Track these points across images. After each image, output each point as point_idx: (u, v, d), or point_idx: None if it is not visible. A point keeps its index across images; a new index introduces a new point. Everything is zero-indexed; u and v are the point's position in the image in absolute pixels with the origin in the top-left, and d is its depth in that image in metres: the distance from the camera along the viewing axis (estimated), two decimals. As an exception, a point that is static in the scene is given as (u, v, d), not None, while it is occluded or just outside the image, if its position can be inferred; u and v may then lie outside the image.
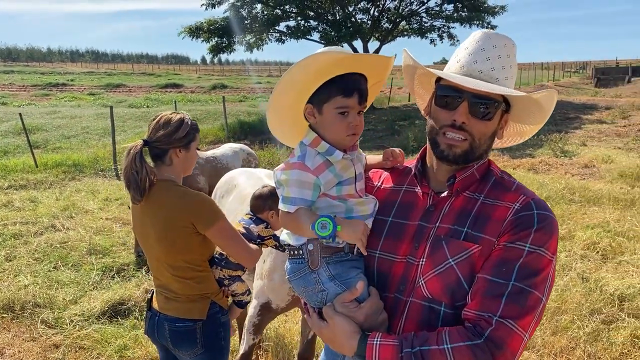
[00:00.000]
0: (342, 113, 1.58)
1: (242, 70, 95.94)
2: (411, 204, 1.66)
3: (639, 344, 4.23)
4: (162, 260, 2.52)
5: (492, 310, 1.38)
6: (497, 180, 1.60)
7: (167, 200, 2.46)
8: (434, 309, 1.50)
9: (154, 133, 2.51)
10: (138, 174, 2.40)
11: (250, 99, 33.60)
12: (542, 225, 1.45)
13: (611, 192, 9.01)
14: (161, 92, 39.83)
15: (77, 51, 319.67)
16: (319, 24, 27.73)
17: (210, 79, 59.89)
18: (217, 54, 27.47)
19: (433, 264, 1.51)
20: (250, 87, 45.96)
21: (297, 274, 1.65)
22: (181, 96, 35.00)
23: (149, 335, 2.70)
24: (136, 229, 2.64)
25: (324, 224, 1.53)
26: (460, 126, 1.51)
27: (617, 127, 16.96)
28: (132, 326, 4.81)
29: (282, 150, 14.06)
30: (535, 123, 1.67)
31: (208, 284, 2.59)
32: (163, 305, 2.59)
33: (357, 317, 1.52)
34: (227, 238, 2.51)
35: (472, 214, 1.53)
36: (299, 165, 1.59)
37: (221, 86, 46.15)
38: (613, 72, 43.33)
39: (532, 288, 1.40)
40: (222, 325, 2.63)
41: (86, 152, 14.14)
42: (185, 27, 27.09)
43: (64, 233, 7.40)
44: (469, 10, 27.66)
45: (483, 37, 1.55)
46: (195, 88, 45.08)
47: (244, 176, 3.99)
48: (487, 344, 1.35)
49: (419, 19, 29.60)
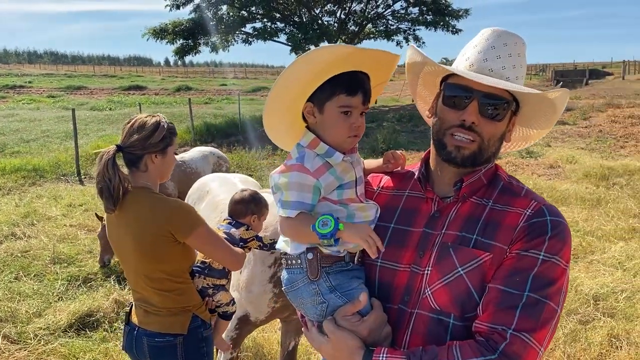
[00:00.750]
0: (345, 112, 1.49)
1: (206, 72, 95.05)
2: (414, 210, 1.57)
3: (616, 344, 4.26)
4: (140, 273, 2.38)
5: (507, 323, 1.30)
6: (505, 185, 1.52)
7: (142, 209, 2.33)
8: (443, 321, 1.41)
9: (128, 138, 2.38)
10: (111, 181, 2.27)
11: (216, 101, 33.16)
12: (556, 232, 1.38)
13: (577, 192, 9.20)
14: (124, 94, 38.90)
15: (35, 52, 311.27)
16: (286, 26, 27.63)
17: (174, 80, 58.99)
18: (183, 55, 27.10)
19: (440, 273, 1.42)
20: (215, 89, 45.45)
21: (295, 284, 1.54)
22: (145, 98, 34.24)
23: (127, 351, 2.56)
24: (112, 240, 2.50)
25: (325, 221, 1.42)
26: (469, 127, 1.42)
27: (579, 127, 17.38)
28: (101, 339, 4.59)
29: (251, 153, 13.89)
30: (542, 127, 1.60)
31: (189, 296, 2.46)
32: (142, 319, 2.46)
33: (360, 331, 1.42)
34: (209, 243, 2.41)
35: (482, 221, 1.44)
36: (298, 167, 1.48)
37: (186, 88, 45.54)
38: (572, 75, 44.49)
39: (547, 299, 1.32)
40: (204, 340, 2.51)
41: (47, 157, 13.60)
42: (150, 29, 26.62)
43: (25, 241, 7.06)
44: (434, 14, 28.04)
45: (493, 34, 1.47)
46: (159, 90, 44.28)
47: (217, 182, 3.85)
48: (502, 359, 1.27)
49: (385, 21, 29.83)
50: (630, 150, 13.44)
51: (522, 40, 1.48)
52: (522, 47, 1.48)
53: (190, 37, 26.44)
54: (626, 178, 10.16)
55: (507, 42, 1.46)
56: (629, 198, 8.75)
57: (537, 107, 1.51)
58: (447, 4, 28.21)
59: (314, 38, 25.59)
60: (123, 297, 5.28)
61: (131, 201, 2.34)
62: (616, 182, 9.97)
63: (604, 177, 10.32)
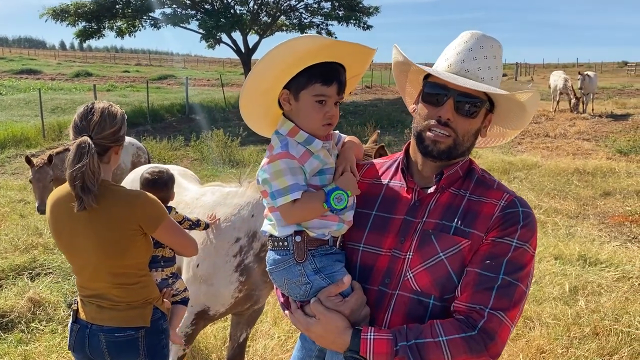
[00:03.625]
0: (320, 102, 1.56)
1: (107, 58, 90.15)
2: (395, 198, 1.67)
3: (530, 325, 4.63)
4: (102, 268, 2.28)
5: (484, 302, 1.46)
6: (479, 178, 1.66)
7: (107, 203, 2.21)
8: (423, 302, 1.54)
9: (100, 130, 2.23)
10: (95, 175, 2.13)
11: (119, 88, 31.62)
12: (527, 222, 1.54)
13: (483, 185, 9.81)
14: (16, 79, 36.06)
15: None
16: (197, 13, 26.87)
17: (71, 65, 55.53)
18: (86, 39, 25.51)
19: (422, 258, 1.54)
20: (118, 76, 43.30)
21: (281, 265, 1.61)
22: (40, 83, 31.93)
23: (75, 351, 2.42)
24: (61, 238, 2.33)
25: (339, 197, 1.55)
26: (445, 123, 1.55)
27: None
28: (18, 341, 4.28)
29: (162, 144, 13.40)
30: (516, 127, 1.75)
31: (151, 288, 2.42)
32: (96, 315, 2.34)
33: (343, 311, 1.53)
34: (174, 234, 2.41)
35: (461, 210, 1.57)
36: (285, 154, 1.55)
37: (85, 74, 43.10)
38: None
39: (519, 281, 1.49)
40: (164, 332, 2.47)
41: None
42: (48, 9, 24.76)
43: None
44: (346, 10, 28.53)
45: (471, 38, 1.60)
46: (55, 75, 41.52)
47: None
48: (481, 334, 1.42)
49: (299, 14, 29.93)
50: (526, 147, 14.54)
51: (498, 43, 1.61)
52: (498, 49, 1.61)
53: (94, 20, 24.91)
54: (525, 172, 11.00)
55: (483, 45, 1.58)
56: (529, 190, 9.48)
57: (508, 107, 1.65)
58: (358, 0, 28.82)
59: (226, 26, 25.11)
60: (39, 296, 4.94)
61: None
62: (516, 175, 10.76)
63: (505, 171, 11.11)
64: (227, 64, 79.21)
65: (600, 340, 4.30)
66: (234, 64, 72.50)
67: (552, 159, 12.25)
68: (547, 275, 5.62)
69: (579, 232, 7.26)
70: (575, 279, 5.53)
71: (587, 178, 10.31)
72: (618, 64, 72.28)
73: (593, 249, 6.42)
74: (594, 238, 7.03)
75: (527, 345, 4.24)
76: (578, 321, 4.61)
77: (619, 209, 8.42)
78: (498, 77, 1.60)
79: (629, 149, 13.10)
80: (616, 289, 5.34)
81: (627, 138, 14.18)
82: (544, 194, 9.25)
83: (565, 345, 4.24)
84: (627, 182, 9.78)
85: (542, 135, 15.97)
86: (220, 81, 27.25)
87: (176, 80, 39.30)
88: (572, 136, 15.83)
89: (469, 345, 1.41)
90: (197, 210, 3.03)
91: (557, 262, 6.02)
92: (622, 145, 13.53)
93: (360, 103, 24.94)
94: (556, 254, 6.25)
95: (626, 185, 9.59)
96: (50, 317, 4.71)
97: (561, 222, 7.66)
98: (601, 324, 4.52)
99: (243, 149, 12.71)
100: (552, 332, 4.43)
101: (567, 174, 10.57)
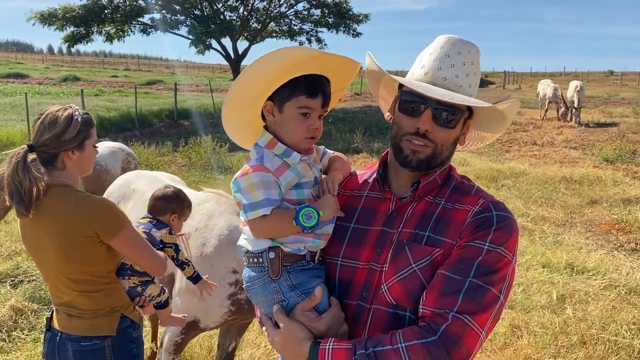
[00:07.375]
0: (304, 114, 1.52)
1: (95, 62, 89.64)
2: (373, 210, 1.62)
3: (517, 333, 4.63)
4: (62, 276, 2.24)
5: (449, 306, 1.37)
6: (457, 185, 1.60)
7: (64, 208, 2.18)
8: (399, 315, 1.48)
9: (40, 136, 2.20)
10: (21, 185, 2.10)
11: (107, 93, 31.39)
12: (502, 225, 1.46)
13: (472, 192, 9.84)
14: (2, 83, 35.67)
15: None
16: (187, 19, 26.82)
17: (59, 70, 55.03)
18: (74, 44, 25.36)
19: (396, 269, 1.48)
20: (106, 81, 43.03)
21: (256, 282, 1.56)
22: (28, 87, 31.55)
23: (48, 359, 2.38)
24: (27, 244, 2.31)
25: (308, 214, 1.48)
26: (423, 134, 1.49)
27: (469, 132, 18.61)
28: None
29: (150, 149, 13.29)
30: (495, 132, 1.71)
31: (117, 296, 2.35)
32: (65, 323, 2.31)
33: (319, 327, 1.47)
34: (134, 247, 2.30)
35: (434, 218, 1.52)
36: (259, 167, 1.50)
37: (73, 78, 42.68)
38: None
39: (490, 285, 1.39)
40: (134, 341, 2.41)
41: None
42: (36, 13, 24.58)
43: None
44: (335, 17, 28.63)
45: (448, 43, 1.54)
46: (43, 79, 41.13)
47: (144, 180, 3.67)
48: (442, 339, 1.33)
49: (289, 21, 29.98)
50: (514, 155, 14.62)
51: (475, 48, 1.56)
52: (476, 55, 1.56)
53: (83, 25, 24.75)
54: (513, 180, 11.04)
55: (461, 51, 1.52)
56: (517, 198, 9.52)
57: (488, 114, 1.60)
58: (348, 8, 28.94)
59: (216, 32, 25.10)
60: (21, 304, 4.86)
61: (51, 201, 2.18)
62: (504, 183, 10.80)
63: (494, 178, 11.14)
64: (216, 70, 78.99)
65: (587, 349, 4.30)
66: (224, 70, 72.30)
67: (540, 167, 12.31)
68: (535, 284, 5.63)
69: (566, 240, 7.28)
70: (562, 287, 5.54)
71: (574, 186, 10.36)
72: (604, 73, 73.08)
73: (580, 257, 6.44)
74: (581, 246, 7.05)
75: (514, 354, 4.23)
76: (566, 330, 4.61)
77: (605, 217, 8.47)
78: (476, 84, 1.56)
79: (615, 157, 13.21)
80: (603, 297, 5.36)
81: (614, 146, 14.28)
82: (531, 201, 9.28)
83: (553, 354, 4.24)
84: (614, 191, 9.84)
85: (529, 143, 16.08)
86: (210, 87, 27.15)
87: (165, 86, 39.10)
88: (560, 144, 15.95)
89: (428, 350, 1.32)
90: (196, 217, 2.98)
91: (545, 270, 6.04)
92: (609, 153, 13.63)
93: (349, 110, 24.97)
94: (544, 262, 6.27)
95: (613, 194, 9.65)
96: (33, 325, 4.63)
97: (549, 230, 7.69)
98: (588, 332, 4.53)
99: (232, 155, 12.63)
100: (539, 341, 4.42)
101: (554, 182, 10.62)
